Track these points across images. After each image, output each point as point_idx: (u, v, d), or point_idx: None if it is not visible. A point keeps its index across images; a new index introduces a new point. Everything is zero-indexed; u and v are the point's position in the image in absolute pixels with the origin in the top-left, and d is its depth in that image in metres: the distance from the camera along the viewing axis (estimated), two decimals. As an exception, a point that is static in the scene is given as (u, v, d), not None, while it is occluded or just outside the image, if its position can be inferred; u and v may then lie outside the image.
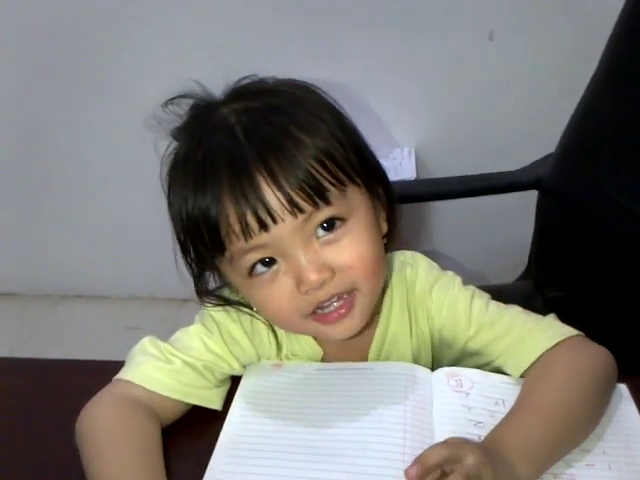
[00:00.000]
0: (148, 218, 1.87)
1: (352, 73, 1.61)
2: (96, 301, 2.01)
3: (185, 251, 0.64)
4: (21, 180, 1.93)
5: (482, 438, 0.58)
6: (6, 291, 2.04)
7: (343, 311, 0.62)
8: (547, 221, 1.14)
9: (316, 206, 0.59)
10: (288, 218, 0.58)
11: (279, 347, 0.71)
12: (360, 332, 0.66)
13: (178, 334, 0.69)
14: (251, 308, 0.68)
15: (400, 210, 0.69)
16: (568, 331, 0.66)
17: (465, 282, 0.72)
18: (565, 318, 0.68)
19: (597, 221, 1.02)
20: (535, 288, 1.15)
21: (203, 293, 0.68)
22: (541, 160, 1.17)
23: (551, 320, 0.68)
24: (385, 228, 0.68)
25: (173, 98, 0.66)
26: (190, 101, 0.66)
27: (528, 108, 1.67)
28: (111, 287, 2.02)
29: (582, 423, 0.60)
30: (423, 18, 1.62)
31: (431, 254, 0.73)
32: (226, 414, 0.65)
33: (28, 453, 0.63)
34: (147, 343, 0.67)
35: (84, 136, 1.85)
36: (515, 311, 0.69)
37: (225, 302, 0.68)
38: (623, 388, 0.66)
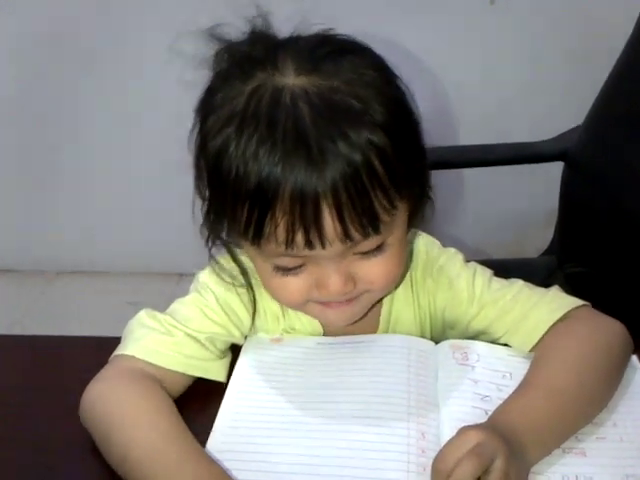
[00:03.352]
0: (145, 192, 1.88)
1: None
2: (93, 276, 1.99)
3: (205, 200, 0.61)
4: (17, 155, 1.90)
5: (489, 413, 0.57)
6: (2, 267, 2.03)
7: (344, 303, 0.62)
8: (571, 194, 1.14)
9: (367, 236, 0.57)
10: (337, 244, 0.56)
11: (277, 321, 0.69)
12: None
13: (175, 305, 0.67)
14: (247, 277, 0.67)
15: (432, 207, 0.66)
16: (573, 302, 0.64)
17: (483, 255, 0.70)
18: (583, 294, 0.66)
19: (620, 196, 1.01)
20: (557, 263, 1.15)
21: (213, 237, 0.64)
22: (568, 132, 1.16)
23: (555, 292, 0.66)
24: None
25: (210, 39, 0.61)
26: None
27: (530, 74, 1.64)
28: (108, 262, 2.00)
29: (597, 399, 0.59)
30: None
31: (446, 225, 0.70)
32: (225, 389, 0.63)
33: (27, 431, 0.62)
34: (145, 316, 0.65)
35: (82, 114, 1.82)
36: (518, 286, 0.67)
37: (231, 255, 0.66)
38: (634, 359, 0.64)
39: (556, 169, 1.16)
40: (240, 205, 0.56)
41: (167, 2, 1.64)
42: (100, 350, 0.64)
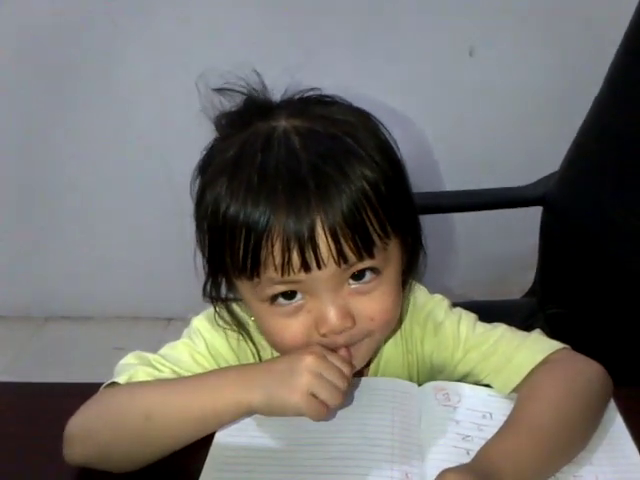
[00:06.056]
0: (133, 237, 1.89)
1: (333, 90, 1.62)
2: (81, 322, 1.99)
3: (204, 249, 0.64)
4: (3, 200, 1.91)
5: (470, 452, 0.58)
6: (-11, 313, 2.02)
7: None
8: (550, 237, 1.17)
9: (361, 259, 0.59)
10: (331, 265, 0.58)
11: None
12: None
13: (165, 349, 0.69)
14: (246, 329, 0.68)
15: (425, 260, 0.69)
16: (554, 345, 0.66)
17: (466, 297, 0.72)
18: (563, 335, 0.68)
19: (597, 239, 1.05)
20: (538, 305, 1.17)
21: (212, 295, 0.67)
22: (548, 177, 1.19)
23: (536, 336, 0.68)
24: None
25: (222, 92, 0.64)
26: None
27: (509, 122, 1.69)
28: (96, 308, 2.00)
29: (578, 439, 0.60)
30: (404, 35, 1.64)
31: (428, 269, 0.72)
32: (213, 434, 0.64)
33: (13, 479, 0.62)
34: (132, 357, 0.67)
35: (70, 154, 1.83)
36: (501, 330, 0.69)
37: (229, 312, 0.68)
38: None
39: (537, 212, 1.19)
40: (238, 234, 0.58)
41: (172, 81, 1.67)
42: (89, 396, 0.64)
